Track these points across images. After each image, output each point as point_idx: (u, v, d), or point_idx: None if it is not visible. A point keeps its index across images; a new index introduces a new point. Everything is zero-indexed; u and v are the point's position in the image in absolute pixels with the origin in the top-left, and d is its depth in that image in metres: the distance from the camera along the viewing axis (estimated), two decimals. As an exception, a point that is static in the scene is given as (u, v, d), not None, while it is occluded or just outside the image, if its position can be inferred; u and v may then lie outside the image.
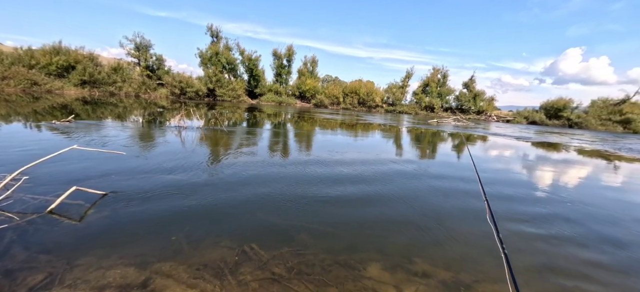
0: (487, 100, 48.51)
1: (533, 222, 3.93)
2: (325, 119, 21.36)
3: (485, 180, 6.06)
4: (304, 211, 3.67)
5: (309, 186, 4.71)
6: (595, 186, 6.58)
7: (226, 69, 42.33)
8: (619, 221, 4.28)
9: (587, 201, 5.17)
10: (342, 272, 2.43)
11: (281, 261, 2.52)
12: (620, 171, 8.87)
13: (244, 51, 44.25)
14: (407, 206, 4.16)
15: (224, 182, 4.56)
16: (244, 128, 12.22)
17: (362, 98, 47.24)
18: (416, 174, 6.09)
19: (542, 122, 41.57)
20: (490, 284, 2.42)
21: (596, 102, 41.77)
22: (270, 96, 43.98)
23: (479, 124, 32.14)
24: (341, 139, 10.99)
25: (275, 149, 7.87)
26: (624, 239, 3.60)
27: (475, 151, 10.77)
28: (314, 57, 50.76)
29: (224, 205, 3.66)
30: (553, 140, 18.05)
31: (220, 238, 2.84)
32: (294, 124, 15.68)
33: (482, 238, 3.30)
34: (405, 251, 2.88)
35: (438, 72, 49.93)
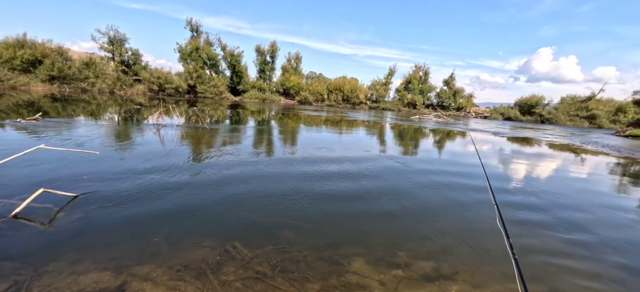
0: (466, 97, 50.23)
1: (508, 208, 4.11)
2: (309, 116, 21.32)
3: (464, 172, 6.28)
4: (288, 208, 3.65)
5: (294, 182, 4.69)
6: (564, 177, 6.99)
7: (207, 64, 41.17)
8: (584, 207, 4.57)
9: (557, 191, 5.48)
10: (327, 268, 2.44)
11: (265, 259, 2.49)
12: (586, 163, 9.47)
13: (226, 47, 43.24)
14: (390, 201, 4.23)
15: (206, 181, 4.45)
16: (226, 125, 11.96)
17: (346, 95, 47.50)
18: (399, 170, 6.21)
19: (517, 118, 43.60)
20: (468, 275, 2.52)
21: (565, 99, 44.31)
22: (253, 93, 43.31)
23: (459, 120, 33.26)
24: (326, 135, 11.01)
25: (259, 146, 7.76)
26: (588, 223, 3.85)
27: (456, 146, 11.13)
28: (298, 54, 50.44)
29: (206, 204, 3.57)
30: (526, 135, 18.98)
31: (202, 238, 2.77)
32: (278, 122, 15.54)
33: (462, 230, 3.42)
34: (389, 244, 2.94)
35: (420, 70, 51.06)
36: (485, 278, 2.48)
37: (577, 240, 3.41)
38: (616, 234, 3.69)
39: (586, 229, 3.75)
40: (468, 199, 4.55)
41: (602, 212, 4.54)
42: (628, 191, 6.35)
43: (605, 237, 3.54)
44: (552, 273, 2.67)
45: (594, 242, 3.38)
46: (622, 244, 3.38)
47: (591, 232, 3.67)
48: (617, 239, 3.53)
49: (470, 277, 2.47)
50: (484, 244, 3.10)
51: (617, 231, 3.79)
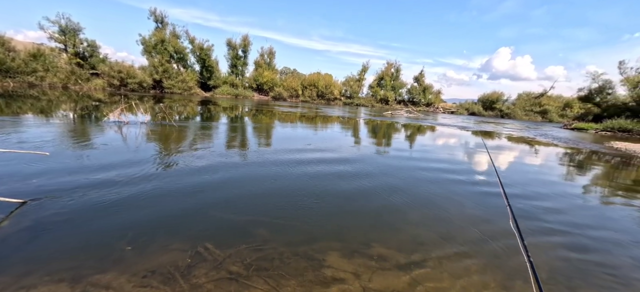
0: (434, 94, 52.64)
1: (472, 192, 4.39)
2: (284, 112, 21.09)
3: (435, 164, 6.60)
4: (262, 206, 3.59)
5: (268, 180, 4.62)
6: (520, 165, 7.61)
7: (174, 58, 39.05)
8: (539, 194, 5.02)
9: (515, 178, 5.95)
10: (302, 264, 2.44)
11: (238, 258, 2.44)
12: (539, 154, 10.39)
13: (195, 40, 41.29)
14: (364, 195, 4.33)
15: (175, 181, 4.23)
16: (197, 123, 11.45)
17: (320, 91, 47.63)
18: (373, 165, 6.37)
19: (480, 113, 46.61)
20: (437, 262, 2.65)
21: (522, 96, 48.14)
22: (225, 89, 41.89)
23: (428, 115, 34.81)
24: (301, 132, 10.97)
25: (231, 144, 7.53)
26: (536, 196, 4.24)
27: (426, 140, 11.64)
28: (271, 49, 49.57)
29: (174, 205, 3.41)
30: (488, 129, 20.37)
31: (170, 241, 2.64)
32: (251, 118, 15.19)
33: (431, 219, 3.60)
34: (363, 237, 3.01)
35: (391, 67, 52.56)
36: (452, 264, 2.63)
37: (533, 218, 3.73)
38: (563, 208, 4.10)
39: (537, 208, 4.11)
40: (436, 190, 4.79)
41: (557, 196, 5.01)
42: (573, 176, 7.06)
43: (554, 209, 3.92)
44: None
45: (546, 213, 3.72)
46: (564, 213, 3.77)
47: (544, 209, 4.04)
48: (562, 209, 3.93)
49: (439, 264, 2.61)
50: (451, 232, 3.29)
51: (563, 206, 4.22)
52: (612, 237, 3.51)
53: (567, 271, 2.70)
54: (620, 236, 3.58)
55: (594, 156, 11.00)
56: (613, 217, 4.28)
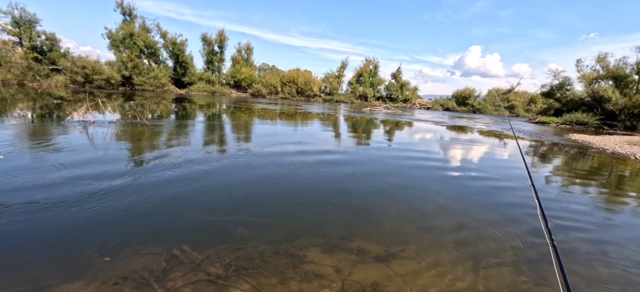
0: (411, 90, 54.13)
1: (448, 184, 4.59)
2: (263, 109, 20.77)
3: (413, 157, 6.80)
4: (242, 205, 3.53)
5: (247, 178, 4.54)
6: (489, 155, 8.05)
7: (145, 53, 37.07)
8: (498, 179, 5.34)
9: (486, 169, 6.29)
10: (283, 261, 2.43)
11: (217, 259, 2.38)
12: (506, 146, 11.04)
13: (167, 34, 39.43)
14: (345, 190, 4.38)
15: (148, 182, 4.04)
16: (171, 121, 10.98)
17: (300, 87, 47.36)
18: (353, 160, 6.45)
19: (454, 108, 48.60)
20: (413, 252, 2.75)
21: (491, 92, 50.75)
22: (201, 86, 40.47)
23: (406, 111, 35.80)
24: (281, 129, 10.87)
25: (208, 142, 7.31)
26: (505, 187, 4.52)
27: (404, 135, 11.97)
28: (249, 44, 48.49)
29: (148, 207, 3.25)
30: (462, 123, 21.32)
31: (144, 245, 2.52)
32: (229, 115, 14.81)
33: (407, 211, 3.71)
34: (344, 231, 3.04)
35: (370, 64, 53.30)
36: (429, 252, 2.74)
37: (501, 201, 3.97)
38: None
39: (503, 183, 4.38)
40: (412, 184, 4.94)
41: (515, 179, 5.36)
42: (535, 162, 7.58)
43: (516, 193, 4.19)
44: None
45: (508, 194, 3.98)
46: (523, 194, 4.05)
47: (507, 178, 4.31)
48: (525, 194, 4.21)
49: (415, 254, 2.70)
50: (428, 223, 3.41)
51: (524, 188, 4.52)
52: (569, 217, 3.82)
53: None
54: (573, 215, 3.91)
55: (555, 147, 11.88)
56: (573, 201, 4.66)
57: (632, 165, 8.75)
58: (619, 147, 12.00)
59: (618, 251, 3.10)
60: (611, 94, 25.21)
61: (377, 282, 2.26)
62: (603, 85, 26.60)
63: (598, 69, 27.48)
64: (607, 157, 9.82)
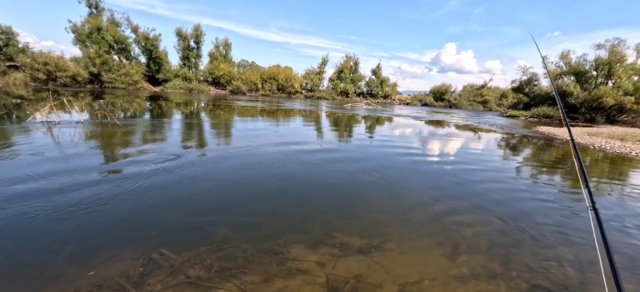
0: (391, 86, 55.24)
1: (427, 175, 4.75)
2: (243, 107, 20.38)
3: (394, 151, 6.96)
4: (223, 204, 3.46)
5: (228, 177, 4.45)
6: (465, 148, 8.42)
7: (115, 49, 35.13)
8: (474, 171, 5.62)
9: (461, 157, 6.57)
10: (266, 259, 2.42)
11: (198, 261, 2.33)
12: (481, 139, 11.59)
13: (138, 28, 37.52)
14: (327, 186, 4.41)
15: (121, 184, 3.85)
16: (145, 120, 10.51)
17: (281, 84, 46.91)
18: (334, 157, 6.49)
19: (432, 103, 50.24)
20: (395, 244, 2.83)
21: (466, 87, 52.99)
22: (177, 83, 39.00)
23: (386, 107, 36.50)
24: (262, 126, 10.72)
25: (186, 142, 7.07)
26: (479, 179, 4.75)
27: (385, 130, 12.20)
28: (227, 40, 47.32)
29: (123, 212, 3.11)
30: (439, 118, 22.08)
31: (120, 250, 2.41)
32: (208, 114, 14.39)
33: (387, 205, 3.81)
34: (326, 227, 3.07)
35: (350, 60, 53.72)
36: (409, 242, 2.83)
37: (476, 190, 4.18)
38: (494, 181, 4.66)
39: (478, 174, 4.61)
40: (393, 177, 5.07)
41: (490, 171, 5.65)
42: (507, 154, 8.03)
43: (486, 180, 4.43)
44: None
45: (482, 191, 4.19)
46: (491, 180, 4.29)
47: (482, 169, 4.55)
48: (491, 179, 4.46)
49: (396, 246, 2.78)
50: (407, 214, 3.52)
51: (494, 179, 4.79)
52: (532, 206, 4.10)
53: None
54: (539, 202, 4.19)
55: (524, 139, 12.62)
56: (540, 189, 4.99)
57: (592, 154, 9.49)
58: (580, 138, 12.96)
59: (578, 234, 3.36)
60: (573, 89, 27.08)
61: (360, 274, 2.31)
62: (566, 81, 28.53)
63: (561, 65, 29.44)
64: (569, 148, 10.57)
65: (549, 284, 2.37)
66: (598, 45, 26.52)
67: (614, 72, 25.99)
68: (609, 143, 11.51)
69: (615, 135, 13.84)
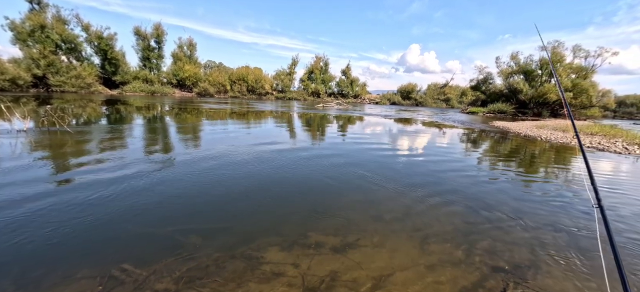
0: (361, 86, 56.60)
1: (397, 171, 4.94)
2: (212, 109, 19.63)
3: (366, 148, 7.13)
4: (191, 213, 3.30)
5: (197, 183, 4.26)
6: (431, 144, 8.89)
7: (62, 49, 31.99)
8: (440, 166, 5.96)
9: (428, 153, 6.92)
10: (240, 265, 2.35)
11: (166, 273, 2.19)
12: (445, 134, 12.31)
13: (90, 27, 34.55)
14: (300, 188, 4.40)
15: (76, 198, 3.51)
16: (101, 126, 9.69)
17: (251, 85, 45.92)
18: (306, 156, 6.49)
19: (400, 102, 52.31)
20: (368, 239, 2.90)
21: (430, 86, 55.93)
22: (137, 85, 36.53)
23: (356, 106, 37.31)
24: (232, 129, 10.41)
25: (149, 148, 6.64)
26: (444, 172, 5.05)
27: (356, 129, 12.46)
28: (191, 40, 45.35)
29: (78, 227, 2.83)
30: (407, 116, 23.05)
31: (75, 269, 2.19)
32: (173, 117, 13.64)
33: (361, 202, 3.89)
34: (301, 227, 3.06)
35: (320, 60, 54.15)
36: (382, 236, 2.92)
37: (440, 181, 4.42)
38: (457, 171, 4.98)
39: (444, 169, 4.90)
40: (366, 174, 5.19)
41: (454, 162, 6.03)
42: (468, 148, 8.62)
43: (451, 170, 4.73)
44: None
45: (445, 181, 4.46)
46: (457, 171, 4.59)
47: (447, 164, 4.83)
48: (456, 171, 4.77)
49: (370, 241, 2.86)
50: (380, 210, 3.63)
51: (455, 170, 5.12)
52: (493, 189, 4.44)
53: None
54: (498, 192, 4.56)
55: (483, 133, 13.63)
56: (499, 179, 5.41)
57: (540, 145, 10.52)
58: (529, 131, 14.29)
59: (531, 217, 3.70)
60: (522, 86, 29.82)
61: (335, 271, 2.33)
62: (516, 79, 31.31)
63: (512, 65, 32.27)
64: (521, 140, 11.62)
65: (507, 265, 2.58)
66: (542, 47, 29.53)
67: (556, 70, 29.04)
68: (554, 134, 12.84)
69: (558, 127, 15.47)
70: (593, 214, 3.93)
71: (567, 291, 2.28)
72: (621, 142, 10.57)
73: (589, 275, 2.49)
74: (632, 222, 3.71)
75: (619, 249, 2.83)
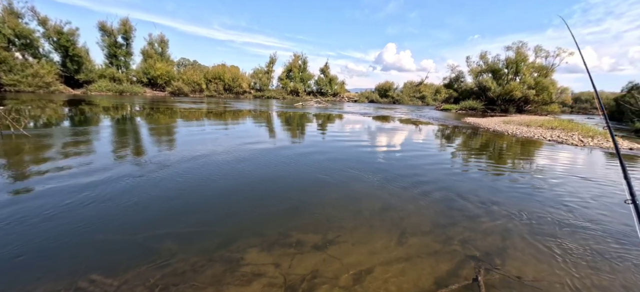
0: (340, 84, 57.01)
1: (375, 167, 5.04)
2: (186, 109, 18.90)
3: (346, 145, 7.20)
4: (166, 216, 3.16)
5: (170, 187, 4.08)
6: (408, 141, 9.17)
7: (16, 45, 29.32)
8: (417, 161, 6.17)
9: (405, 149, 7.13)
10: (219, 269, 2.29)
11: (139, 281, 2.09)
12: (421, 131, 12.74)
13: (47, 21, 31.93)
14: (280, 186, 4.36)
15: (36, 206, 3.24)
16: (63, 129, 9.00)
17: (228, 84, 44.74)
18: (287, 155, 6.44)
19: (377, 100, 53.30)
20: (348, 235, 2.94)
21: (406, 84, 57.49)
22: (103, 84, 34.34)
23: (335, 104, 37.58)
24: (208, 130, 10.09)
25: (118, 151, 6.27)
26: (421, 167, 5.24)
27: (337, 126, 12.54)
28: (163, 36, 43.33)
29: (40, 238, 2.61)
30: (385, 114, 23.57)
31: (36, 284, 2.03)
32: (145, 118, 12.97)
33: (341, 199, 3.94)
34: (281, 227, 3.04)
35: (299, 59, 53.85)
36: (362, 232, 2.97)
37: (418, 175, 4.57)
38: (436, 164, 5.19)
39: (420, 164, 5.07)
40: (342, 170, 5.25)
41: (430, 156, 6.26)
42: (443, 144, 8.99)
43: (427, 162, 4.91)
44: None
45: (424, 177, 4.63)
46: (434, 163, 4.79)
47: (423, 160, 5.01)
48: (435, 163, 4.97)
49: (350, 237, 2.90)
50: (360, 206, 3.69)
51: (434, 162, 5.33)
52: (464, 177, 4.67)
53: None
54: (471, 183, 4.80)
55: (456, 129, 14.26)
56: (471, 170, 5.69)
57: (507, 139, 11.19)
58: (497, 126, 15.15)
59: (500, 203, 3.94)
60: (491, 84, 31.51)
61: (316, 269, 2.34)
62: (485, 78, 33.04)
63: (481, 64, 34.00)
64: (491, 135, 12.30)
65: (479, 252, 2.72)
66: (507, 47, 31.45)
67: (520, 69, 31.03)
68: (519, 129, 13.72)
69: (523, 122, 16.55)
70: (559, 200, 4.28)
71: (538, 274, 2.45)
72: (577, 136, 11.51)
73: (552, 257, 2.70)
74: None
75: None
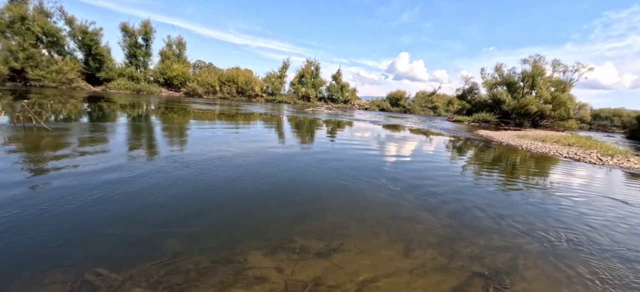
0: (351, 91, 57.02)
1: (384, 175, 4.98)
2: (200, 110, 19.29)
3: (355, 153, 7.16)
4: (172, 215, 3.21)
5: (178, 186, 4.15)
6: (418, 150, 9.04)
7: (43, 42, 30.79)
8: (426, 172, 6.06)
9: (414, 159, 7.03)
10: (222, 270, 2.30)
11: (143, 278, 2.12)
12: (432, 141, 12.55)
13: (74, 20, 33.42)
14: (286, 191, 4.37)
15: (50, 197, 3.35)
16: (82, 124, 9.34)
17: (241, 87, 45.45)
18: (295, 160, 6.46)
19: (388, 109, 53.01)
20: (353, 243, 2.90)
21: (418, 94, 56.97)
22: (122, 82, 35.47)
23: (346, 111, 37.57)
24: (219, 130, 10.25)
25: (132, 149, 6.44)
26: (430, 177, 5.14)
27: (346, 133, 12.52)
28: (181, 39, 44.51)
29: (50, 228, 2.70)
30: (395, 122, 23.38)
31: (46, 274, 2.08)
32: (159, 117, 13.31)
33: (346, 206, 3.90)
34: (286, 231, 3.03)
35: (311, 65, 54.28)
36: (366, 241, 2.93)
37: (423, 187, 4.49)
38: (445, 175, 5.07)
39: (430, 175, 4.98)
40: (349, 177, 5.22)
41: (440, 170, 6.14)
42: (454, 155, 8.82)
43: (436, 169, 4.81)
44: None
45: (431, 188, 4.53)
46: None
47: (433, 171, 4.91)
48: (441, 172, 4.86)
49: (354, 246, 2.86)
50: (365, 214, 3.64)
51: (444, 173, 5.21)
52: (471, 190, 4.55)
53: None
54: (482, 196, 4.67)
55: (468, 141, 13.98)
56: (482, 184, 5.55)
57: (521, 154, 10.88)
58: (511, 140, 14.77)
59: (512, 219, 3.81)
60: (505, 97, 30.84)
61: (319, 277, 2.32)
62: (500, 90, 32.39)
63: (496, 77, 33.36)
64: (504, 149, 11.99)
65: (487, 270, 2.63)
66: (524, 60, 30.76)
67: (536, 83, 30.27)
68: (534, 144, 13.32)
69: (538, 137, 16.07)
70: (575, 219, 4.11)
71: (543, 297, 2.35)
72: (596, 154, 11.07)
73: (567, 280, 2.58)
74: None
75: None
